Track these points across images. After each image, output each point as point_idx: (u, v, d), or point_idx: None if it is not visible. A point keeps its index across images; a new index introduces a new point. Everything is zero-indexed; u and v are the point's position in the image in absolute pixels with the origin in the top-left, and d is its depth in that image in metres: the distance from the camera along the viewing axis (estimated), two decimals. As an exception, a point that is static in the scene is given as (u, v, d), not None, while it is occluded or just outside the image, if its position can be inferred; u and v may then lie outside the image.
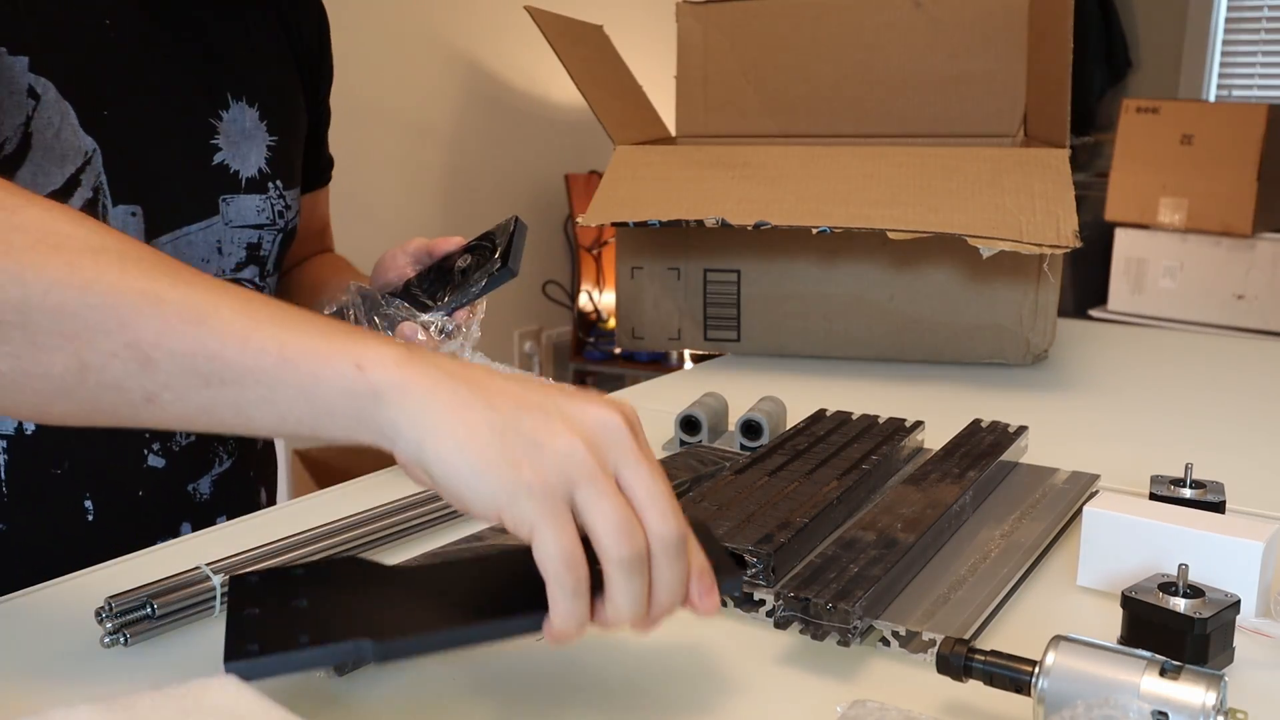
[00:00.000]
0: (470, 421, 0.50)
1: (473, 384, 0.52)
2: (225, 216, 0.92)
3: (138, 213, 0.86)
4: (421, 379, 0.51)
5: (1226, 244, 3.02)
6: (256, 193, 0.94)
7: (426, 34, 2.93)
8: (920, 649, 0.60)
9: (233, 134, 0.92)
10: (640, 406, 1.12)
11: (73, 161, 0.82)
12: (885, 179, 1.19)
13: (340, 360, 0.51)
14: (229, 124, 0.92)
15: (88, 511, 0.87)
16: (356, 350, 0.52)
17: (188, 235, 0.89)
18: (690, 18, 1.45)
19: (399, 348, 0.52)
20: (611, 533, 0.50)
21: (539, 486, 0.49)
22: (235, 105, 0.92)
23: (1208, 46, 3.87)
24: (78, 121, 0.81)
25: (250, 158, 0.93)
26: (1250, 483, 0.87)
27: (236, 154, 0.92)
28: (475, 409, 0.50)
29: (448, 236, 0.93)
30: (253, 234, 0.94)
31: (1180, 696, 0.48)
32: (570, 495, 0.50)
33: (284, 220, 0.97)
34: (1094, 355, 1.34)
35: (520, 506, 0.49)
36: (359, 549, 0.73)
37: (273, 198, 0.95)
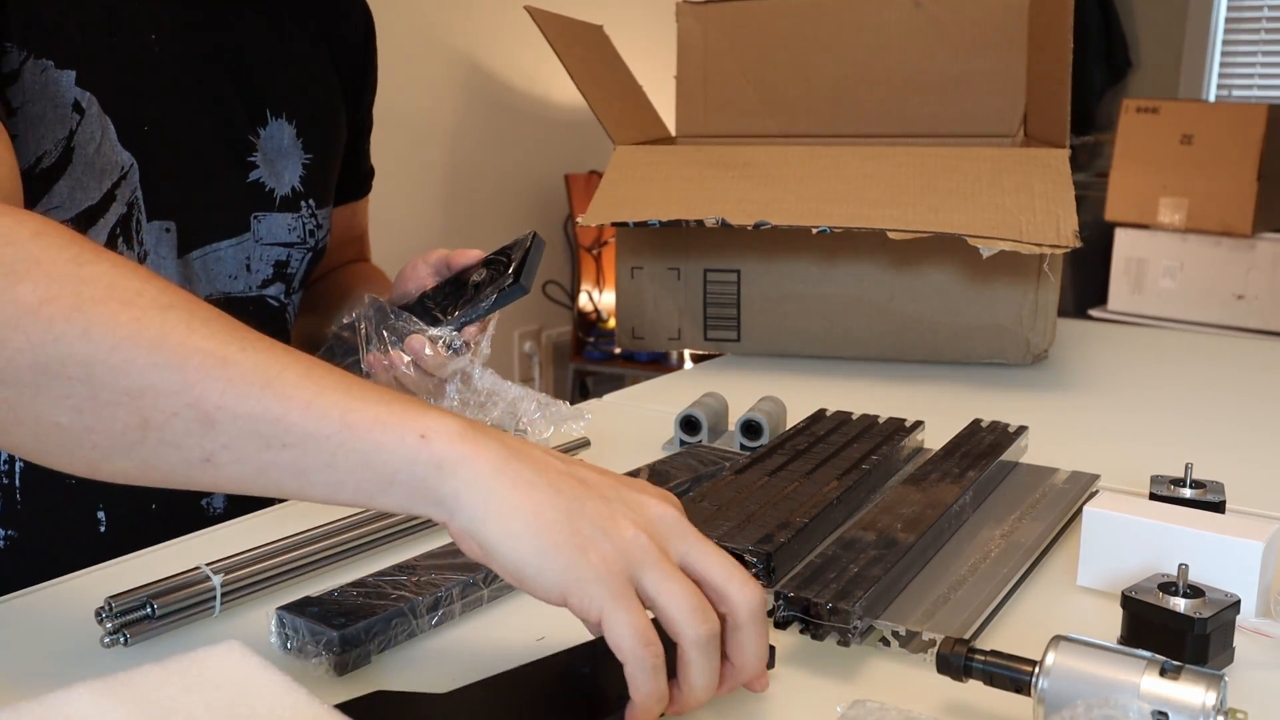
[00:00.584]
0: (537, 502, 0.51)
1: (536, 465, 0.52)
2: (256, 234, 0.92)
3: (171, 228, 0.86)
4: (486, 454, 0.51)
5: (1226, 244, 3.02)
6: (289, 211, 0.94)
7: (426, 34, 2.93)
8: (920, 649, 0.60)
9: (269, 151, 0.92)
10: (640, 406, 1.13)
11: (110, 176, 0.82)
12: (885, 179, 1.19)
13: (404, 429, 0.51)
14: (266, 141, 0.92)
15: (100, 522, 0.87)
16: (421, 420, 0.52)
17: (218, 251, 0.89)
18: (690, 18, 1.45)
19: (462, 421, 0.53)
20: (687, 613, 0.50)
21: (606, 570, 0.50)
22: (274, 122, 0.93)
23: (1208, 46, 3.87)
24: (116, 137, 0.82)
25: (285, 176, 0.94)
26: (1250, 483, 0.87)
27: (272, 172, 0.93)
28: (542, 490, 0.51)
29: (466, 249, 0.92)
30: (282, 252, 0.94)
31: (1180, 696, 0.48)
32: (637, 580, 0.50)
33: (314, 240, 0.97)
34: (1094, 355, 1.34)
35: (589, 590, 0.49)
36: (359, 549, 0.73)
37: (304, 216, 0.95)
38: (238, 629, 0.65)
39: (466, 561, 0.68)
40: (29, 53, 0.77)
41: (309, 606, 0.61)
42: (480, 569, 0.67)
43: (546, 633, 0.64)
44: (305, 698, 0.49)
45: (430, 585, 0.65)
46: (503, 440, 0.53)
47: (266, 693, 0.49)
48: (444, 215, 3.03)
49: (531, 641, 0.63)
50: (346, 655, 0.59)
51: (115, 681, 0.50)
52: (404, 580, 0.65)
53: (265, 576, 0.68)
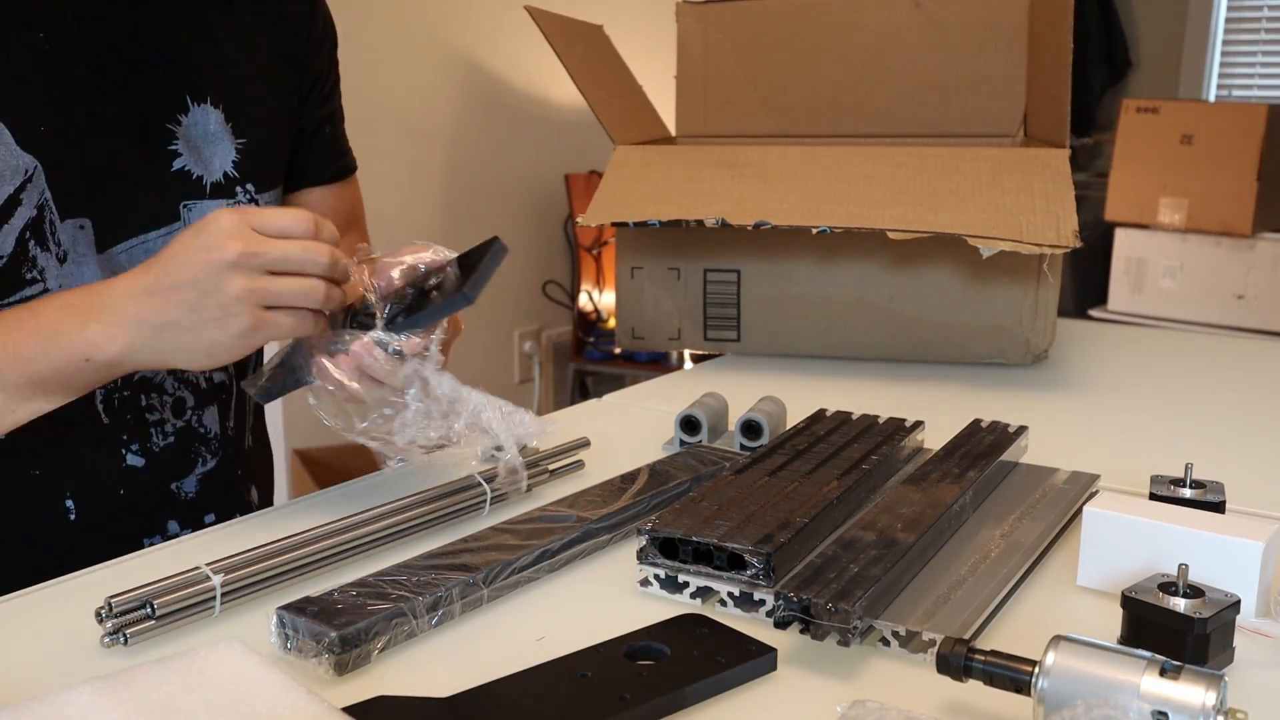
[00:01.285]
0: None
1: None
2: (187, 222, 0.90)
3: (86, 225, 0.85)
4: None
5: (1226, 244, 3.02)
6: (223, 197, 0.92)
7: (426, 34, 2.93)
8: (920, 649, 0.60)
9: (194, 138, 0.91)
10: (640, 406, 1.13)
11: (10, 181, 0.81)
12: (885, 179, 1.19)
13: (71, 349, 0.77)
14: (189, 128, 0.90)
15: (69, 511, 0.87)
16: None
17: (146, 243, 0.88)
18: (690, 18, 1.45)
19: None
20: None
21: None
22: (197, 109, 0.91)
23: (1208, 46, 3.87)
24: (12, 140, 0.81)
25: (214, 162, 0.92)
26: (1250, 483, 0.87)
27: (198, 159, 0.91)
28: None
29: (423, 248, 0.85)
30: None
31: (1180, 696, 0.48)
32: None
33: None
34: (1094, 355, 1.34)
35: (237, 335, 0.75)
36: (359, 549, 0.73)
37: (242, 201, 0.94)
38: (238, 629, 0.65)
39: (466, 561, 0.68)
40: None
41: (309, 606, 0.61)
42: (480, 569, 0.67)
43: (546, 633, 0.64)
44: (305, 696, 0.49)
45: (430, 585, 0.65)
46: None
47: (266, 691, 0.49)
48: (444, 215, 3.03)
49: (531, 642, 0.63)
50: (346, 655, 0.59)
51: (115, 681, 0.50)
52: (404, 580, 0.65)
53: (265, 576, 0.68)
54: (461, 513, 0.80)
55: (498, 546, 0.71)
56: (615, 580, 0.71)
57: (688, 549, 0.67)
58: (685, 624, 0.63)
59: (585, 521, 0.75)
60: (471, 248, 0.85)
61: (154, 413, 0.91)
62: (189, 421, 0.93)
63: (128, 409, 0.89)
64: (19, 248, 0.82)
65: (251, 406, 1.02)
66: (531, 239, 3.33)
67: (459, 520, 0.80)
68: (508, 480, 0.81)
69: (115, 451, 0.89)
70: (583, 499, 0.79)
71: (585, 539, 0.74)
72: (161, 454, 0.92)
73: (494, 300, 3.23)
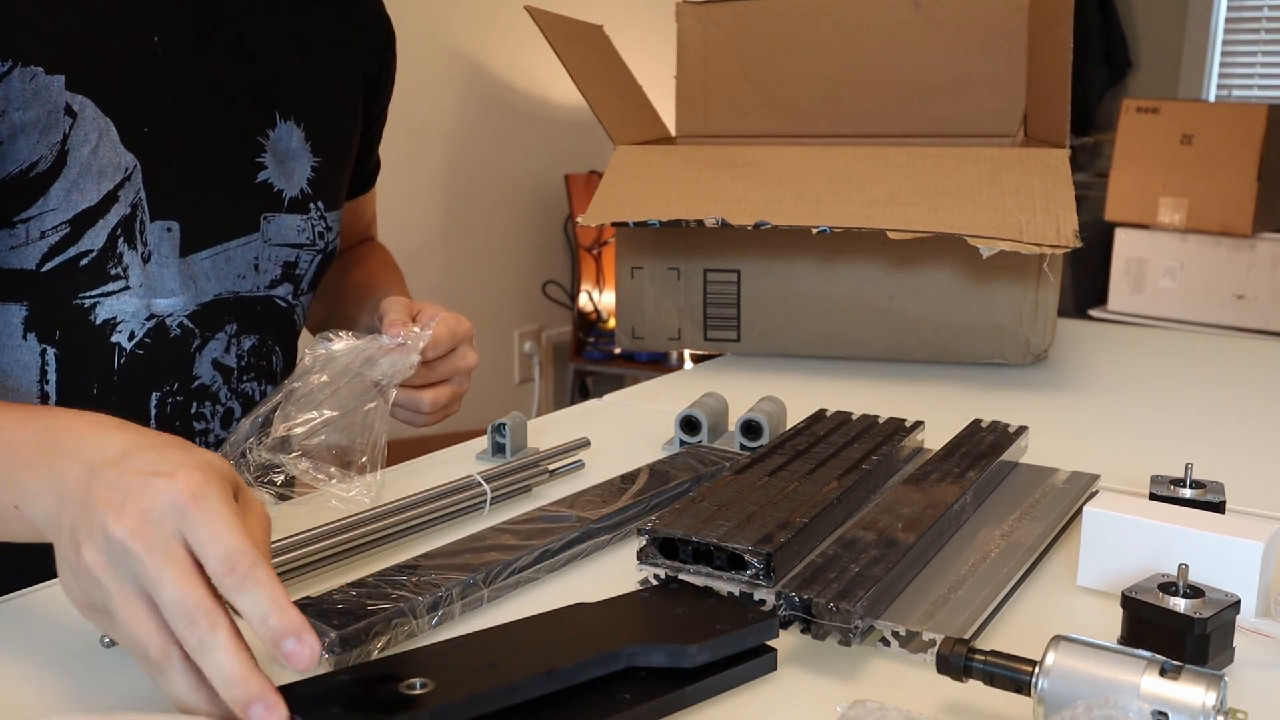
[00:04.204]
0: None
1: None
2: (265, 234, 0.92)
3: (174, 228, 0.86)
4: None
5: (1226, 244, 3.02)
6: (298, 213, 0.94)
7: (426, 34, 2.93)
8: (920, 649, 0.60)
9: (279, 153, 0.93)
10: (640, 406, 1.13)
11: (111, 178, 0.82)
12: (885, 179, 1.19)
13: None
14: (275, 143, 0.92)
15: None
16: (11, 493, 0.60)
17: (226, 251, 0.90)
18: (690, 18, 1.45)
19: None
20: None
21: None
22: (283, 124, 0.93)
23: (1208, 46, 3.87)
24: (118, 137, 0.82)
25: (294, 177, 0.94)
26: (1250, 483, 0.87)
27: (281, 173, 0.93)
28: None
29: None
30: (290, 253, 0.95)
31: (1180, 696, 0.48)
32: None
33: (324, 241, 0.97)
34: (1094, 355, 1.34)
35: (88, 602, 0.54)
36: (359, 549, 0.73)
37: (314, 218, 0.96)
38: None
39: (466, 561, 0.68)
40: (14, 61, 0.77)
41: (309, 606, 0.61)
42: (480, 569, 0.67)
43: (546, 633, 0.64)
44: None
45: (430, 585, 0.65)
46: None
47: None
48: (444, 215, 3.03)
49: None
50: (346, 655, 0.59)
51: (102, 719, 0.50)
52: (404, 580, 0.65)
53: (265, 576, 0.67)
54: (461, 513, 0.80)
55: (498, 546, 0.71)
56: (615, 580, 0.71)
57: (688, 549, 0.67)
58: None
59: (585, 521, 0.75)
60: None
61: (202, 421, 0.92)
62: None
63: (178, 415, 0.90)
64: (109, 244, 0.83)
65: None
66: (531, 239, 3.33)
67: (459, 520, 0.80)
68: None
69: None
70: (583, 499, 0.79)
71: (585, 539, 0.74)
72: None
73: (494, 300, 3.23)
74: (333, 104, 0.99)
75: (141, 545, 0.50)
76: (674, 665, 0.56)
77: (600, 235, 3.30)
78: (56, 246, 0.82)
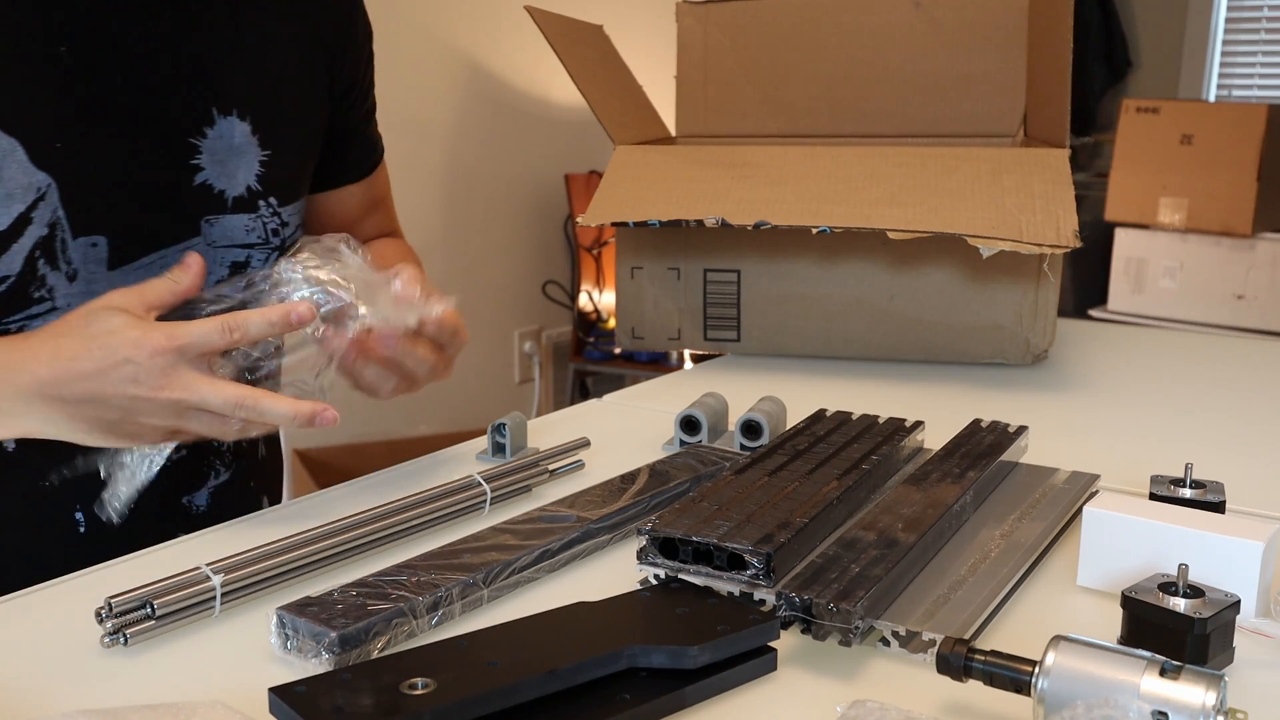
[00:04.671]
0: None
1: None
2: (208, 237, 0.89)
3: (99, 243, 0.83)
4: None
5: (1226, 244, 3.02)
6: (245, 212, 0.90)
7: (426, 34, 2.93)
8: (920, 649, 0.60)
9: (219, 151, 0.88)
10: (640, 406, 1.13)
11: (21, 200, 0.79)
12: (885, 179, 1.19)
13: None
14: (214, 141, 0.88)
15: (79, 524, 0.86)
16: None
17: (164, 259, 0.86)
18: (690, 18, 1.45)
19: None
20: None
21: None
22: (223, 121, 0.88)
23: (1208, 46, 3.87)
24: (26, 157, 0.79)
25: (238, 175, 0.90)
26: (1250, 483, 0.87)
27: (222, 172, 0.89)
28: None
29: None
30: (239, 253, 0.91)
31: (1180, 696, 0.48)
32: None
33: (279, 239, 0.93)
34: (1094, 355, 1.34)
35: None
36: (359, 549, 0.73)
37: (264, 216, 0.91)
38: (238, 629, 0.65)
39: (466, 562, 0.68)
40: None
41: (309, 606, 0.61)
42: (480, 569, 0.67)
43: (546, 633, 0.64)
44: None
45: (430, 585, 0.65)
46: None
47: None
48: (444, 215, 3.03)
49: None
50: (346, 655, 0.59)
51: (105, 715, 0.50)
52: (404, 580, 0.65)
53: (265, 576, 0.68)
54: (461, 513, 0.80)
55: (498, 546, 0.71)
56: (615, 580, 0.71)
57: (688, 549, 0.67)
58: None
59: (585, 521, 0.75)
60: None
61: None
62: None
63: None
64: (27, 267, 0.81)
65: None
66: (531, 239, 3.33)
67: (459, 520, 0.80)
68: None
69: None
70: (583, 499, 0.79)
71: (585, 539, 0.74)
72: (174, 467, 0.90)
73: (494, 300, 3.23)
74: (285, 89, 0.93)
75: (179, 395, 0.73)
76: (675, 666, 0.56)
77: (600, 235, 3.30)
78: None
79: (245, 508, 0.98)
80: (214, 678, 0.60)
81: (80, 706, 0.57)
